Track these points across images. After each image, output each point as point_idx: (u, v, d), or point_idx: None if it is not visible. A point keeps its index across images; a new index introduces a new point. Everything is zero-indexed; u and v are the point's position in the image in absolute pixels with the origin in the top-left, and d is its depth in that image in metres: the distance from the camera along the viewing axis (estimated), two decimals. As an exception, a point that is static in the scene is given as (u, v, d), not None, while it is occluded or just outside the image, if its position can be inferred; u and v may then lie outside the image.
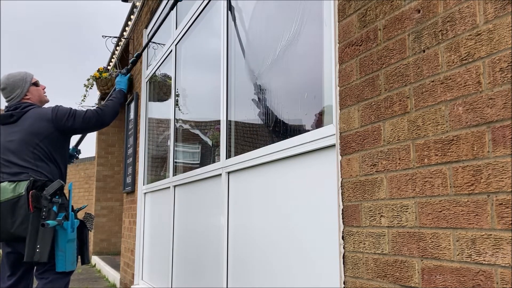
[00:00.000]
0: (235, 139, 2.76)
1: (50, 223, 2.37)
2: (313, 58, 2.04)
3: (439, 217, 1.22)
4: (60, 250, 2.46)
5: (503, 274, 1.05)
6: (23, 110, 2.66)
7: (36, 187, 2.46)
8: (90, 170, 10.24)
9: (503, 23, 1.09)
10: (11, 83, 2.72)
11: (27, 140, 2.58)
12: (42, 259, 2.37)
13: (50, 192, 2.45)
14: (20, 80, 2.74)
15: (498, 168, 1.08)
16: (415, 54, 1.34)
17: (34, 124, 2.62)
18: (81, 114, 2.74)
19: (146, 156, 4.96)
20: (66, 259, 2.47)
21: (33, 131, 2.60)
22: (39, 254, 2.37)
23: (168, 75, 4.31)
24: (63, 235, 2.47)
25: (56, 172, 2.65)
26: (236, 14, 2.86)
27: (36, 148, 2.58)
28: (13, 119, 2.65)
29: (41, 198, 2.44)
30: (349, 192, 1.56)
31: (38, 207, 2.42)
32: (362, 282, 1.48)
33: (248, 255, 2.40)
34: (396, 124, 1.39)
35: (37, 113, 2.67)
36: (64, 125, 2.67)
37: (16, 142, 2.59)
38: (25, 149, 2.57)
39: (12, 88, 2.72)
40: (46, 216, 2.42)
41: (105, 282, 6.45)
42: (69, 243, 2.50)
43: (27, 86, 2.74)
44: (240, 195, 2.56)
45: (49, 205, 2.43)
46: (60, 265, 2.47)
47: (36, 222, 2.39)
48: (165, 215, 3.93)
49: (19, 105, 2.69)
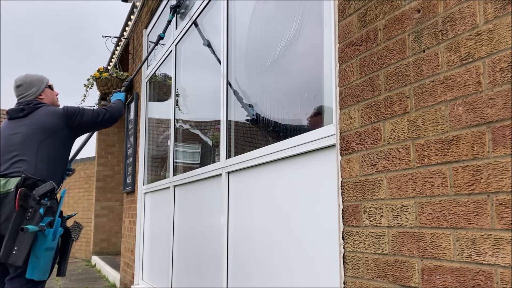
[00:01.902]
0: (235, 139, 2.76)
1: (30, 228, 2.24)
2: (313, 58, 2.04)
3: (439, 217, 1.22)
4: (35, 256, 2.32)
5: (503, 274, 1.05)
6: (35, 106, 2.67)
7: (26, 185, 2.37)
8: (90, 170, 10.23)
9: (503, 23, 1.09)
10: (28, 81, 2.76)
11: (33, 135, 2.55)
12: (17, 262, 2.25)
13: (40, 193, 2.35)
14: (37, 80, 2.79)
15: (498, 168, 1.08)
16: (415, 54, 1.34)
17: (43, 120, 2.61)
18: (90, 111, 2.80)
19: (146, 156, 4.97)
20: (39, 267, 2.33)
21: (41, 126, 2.58)
22: (15, 256, 2.25)
23: (168, 75, 4.31)
24: (42, 241, 2.34)
25: (53, 173, 2.57)
26: (236, 14, 2.86)
27: (41, 144, 2.53)
28: (23, 113, 2.63)
29: (29, 198, 2.33)
30: (349, 192, 1.56)
31: (24, 207, 2.32)
32: (362, 282, 1.48)
33: (248, 255, 2.40)
34: (396, 124, 1.39)
35: (48, 110, 2.68)
36: (75, 120, 2.69)
37: (21, 135, 2.54)
38: (29, 143, 2.53)
39: (29, 86, 2.75)
40: (31, 217, 2.31)
41: (105, 282, 6.45)
42: (47, 251, 2.36)
43: (43, 86, 2.79)
44: (240, 195, 2.56)
45: (36, 206, 2.33)
46: (31, 272, 2.32)
47: (18, 222, 2.28)
48: (165, 215, 3.93)
49: (31, 102, 2.70)
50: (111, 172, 9.45)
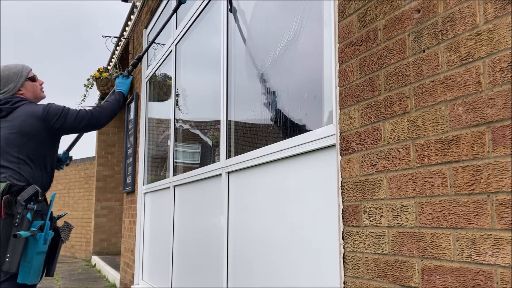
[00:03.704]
0: (235, 139, 2.76)
1: (22, 234, 2.21)
2: (313, 58, 2.04)
3: (439, 217, 1.22)
4: (26, 261, 2.29)
5: (503, 274, 1.05)
6: (13, 106, 2.51)
7: (12, 192, 2.30)
8: (90, 170, 10.24)
9: (503, 23, 1.09)
10: (5, 76, 2.58)
11: (13, 140, 2.43)
12: (11, 269, 2.22)
13: (25, 198, 2.29)
14: (15, 74, 2.60)
15: (498, 168, 1.08)
16: (415, 54, 1.34)
17: (22, 122, 2.46)
18: (74, 114, 2.59)
19: (146, 156, 4.97)
20: (31, 271, 2.31)
21: (21, 130, 2.45)
22: (9, 263, 2.22)
23: (168, 75, 4.31)
24: (33, 246, 2.31)
25: (39, 175, 2.50)
26: (236, 14, 2.86)
27: (22, 149, 2.43)
28: (2, 114, 2.50)
29: (15, 204, 2.27)
30: (349, 192, 1.56)
31: (10, 214, 2.26)
32: (362, 282, 1.48)
33: (248, 255, 2.40)
34: (396, 124, 1.39)
35: (27, 110, 2.51)
36: (54, 125, 2.52)
37: (1, 140, 2.44)
38: (9, 149, 2.42)
39: (6, 82, 2.58)
40: (19, 223, 2.26)
41: (105, 282, 6.45)
42: (38, 255, 2.34)
43: (21, 80, 2.61)
44: (240, 195, 2.56)
45: (23, 212, 2.27)
46: (23, 277, 2.30)
47: (7, 230, 2.24)
48: (165, 215, 3.93)
49: (10, 100, 2.53)
50: (111, 172, 9.46)
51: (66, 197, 10.84)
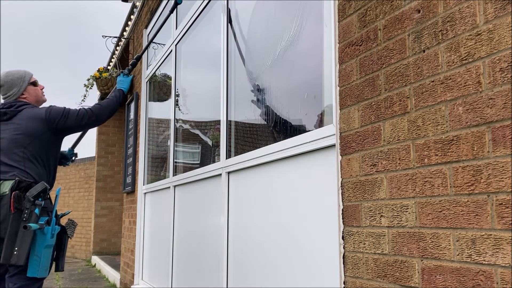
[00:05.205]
0: (235, 139, 2.76)
1: (32, 226, 2.32)
2: (313, 58, 2.04)
3: (439, 217, 1.22)
4: (35, 255, 2.39)
5: (503, 274, 1.05)
6: (16, 109, 2.66)
7: (20, 188, 2.42)
8: (90, 170, 10.23)
9: (503, 23, 1.09)
10: (9, 81, 2.73)
11: (18, 140, 2.57)
12: (19, 262, 2.31)
13: (33, 194, 2.40)
14: (18, 78, 2.75)
15: (498, 168, 1.08)
16: (415, 54, 1.34)
17: (26, 125, 2.61)
18: (74, 113, 2.76)
19: (146, 156, 4.97)
20: (40, 264, 2.40)
21: (25, 132, 2.59)
22: (17, 256, 2.31)
23: (168, 75, 4.31)
24: (41, 239, 2.41)
25: (44, 174, 2.63)
26: (236, 14, 2.86)
27: (26, 148, 2.56)
28: (6, 117, 2.64)
29: (24, 200, 2.38)
30: (349, 192, 1.56)
31: (19, 209, 2.37)
32: (362, 282, 1.48)
33: (248, 255, 2.40)
34: (396, 124, 1.39)
35: (31, 113, 2.66)
36: (57, 125, 2.68)
37: (6, 141, 2.57)
38: (15, 149, 2.55)
39: (10, 86, 2.73)
40: (27, 218, 2.36)
41: (105, 282, 6.45)
42: (46, 249, 2.44)
43: (24, 85, 2.76)
44: (240, 195, 2.56)
45: (31, 207, 2.38)
46: (32, 270, 2.39)
47: (16, 224, 2.34)
48: (165, 215, 3.93)
49: (13, 104, 2.68)
50: (111, 172, 9.45)
51: (66, 197, 10.83)
